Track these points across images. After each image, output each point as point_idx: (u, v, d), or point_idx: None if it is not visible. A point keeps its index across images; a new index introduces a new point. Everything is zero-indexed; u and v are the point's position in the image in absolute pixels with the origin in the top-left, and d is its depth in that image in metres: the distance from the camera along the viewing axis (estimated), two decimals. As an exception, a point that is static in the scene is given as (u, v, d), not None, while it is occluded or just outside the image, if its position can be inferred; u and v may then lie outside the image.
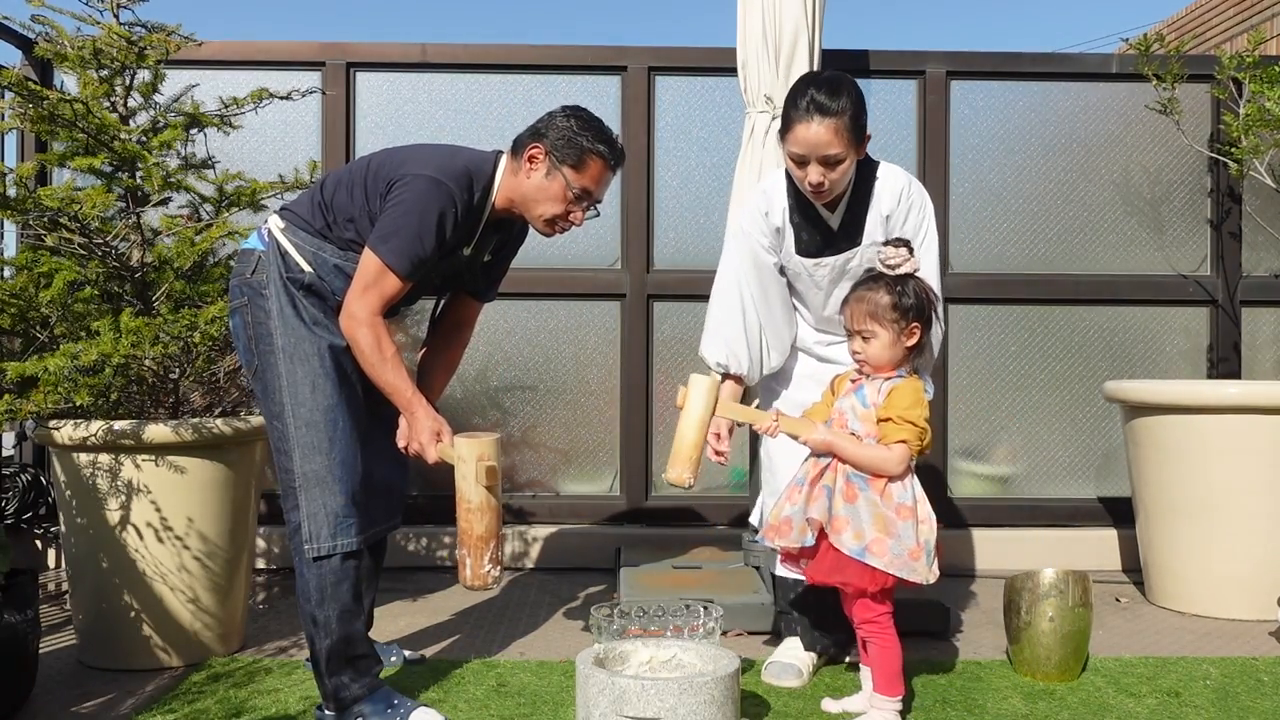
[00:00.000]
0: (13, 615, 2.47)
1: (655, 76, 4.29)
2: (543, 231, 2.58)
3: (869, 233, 2.69)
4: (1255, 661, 2.97)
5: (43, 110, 2.94)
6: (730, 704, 2.19)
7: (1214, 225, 4.36)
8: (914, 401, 2.41)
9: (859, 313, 2.45)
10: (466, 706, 2.58)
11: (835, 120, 2.51)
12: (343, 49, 4.23)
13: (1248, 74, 3.90)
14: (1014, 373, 4.35)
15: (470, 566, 2.35)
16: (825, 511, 2.40)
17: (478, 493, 2.32)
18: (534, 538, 4.16)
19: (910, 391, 2.42)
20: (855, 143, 2.57)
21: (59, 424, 2.83)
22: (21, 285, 2.97)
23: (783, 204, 2.73)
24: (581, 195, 2.49)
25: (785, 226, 2.73)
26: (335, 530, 2.41)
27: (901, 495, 2.39)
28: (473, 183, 2.46)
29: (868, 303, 2.44)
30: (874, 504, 2.38)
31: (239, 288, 2.50)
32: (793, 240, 2.74)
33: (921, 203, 2.70)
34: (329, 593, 2.41)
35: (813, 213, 2.71)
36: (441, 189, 2.39)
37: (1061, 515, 4.28)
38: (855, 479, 2.40)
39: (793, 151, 2.57)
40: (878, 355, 2.44)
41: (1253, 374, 4.34)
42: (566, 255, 4.28)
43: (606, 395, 4.30)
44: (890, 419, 2.40)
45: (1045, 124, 4.38)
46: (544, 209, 2.50)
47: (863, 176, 2.68)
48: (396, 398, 2.43)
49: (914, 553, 2.37)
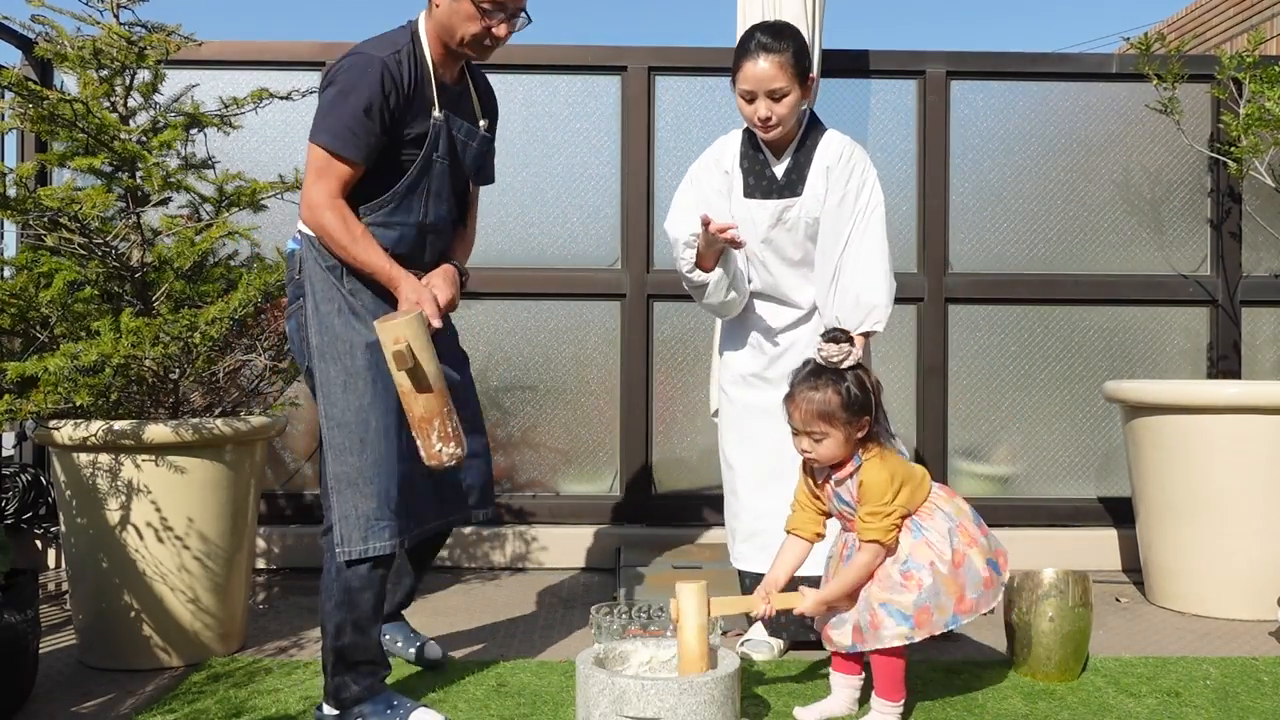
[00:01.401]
0: (13, 615, 2.47)
1: (655, 76, 4.29)
2: (475, 57, 2.51)
3: (811, 183, 2.92)
4: (1255, 661, 2.97)
5: (43, 110, 2.94)
6: (730, 704, 2.19)
7: (1214, 225, 4.36)
8: (884, 489, 2.39)
9: (807, 414, 2.40)
10: (466, 706, 2.58)
11: (779, 56, 2.82)
12: (343, 49, 4.19)
13: (1248, 74, 3.90)
14: (1014, 373, 4.35)
15: (423, 449, 2.28)
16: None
17: (401, 376, 2.22)
18: (534, 538, 4.16)
19: (878, 480, 2.40)
20: (799, 79, 2.85)
21: (59, 424, 2.83)
22: (21, 285, 2.97)
23: (735, 151, 3.01)
24: (493, 8, 2.41)
25: (734, 170, 3.00)
26: (366, 534, 2.36)
27: (940, 546, 2.42)
28: (396, 43, 2.43)
29: (817, 404, 2.39)
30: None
31: (291, 290, 2.49)
32: (740, 184, 2.99)
33: (864, 166, 2.92)
34: (350, 599, 2.38)
35: (760, 159, 2.96)
36: (362, 59, 2.36)
37: (1061, 515, 4.28)
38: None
39: (743, 89, 2.86)
40: (830, 454, 2.43)
41: (1253, 374, 4.34)
42: (566, 255, 4.28)
43: (606, 395, 4.30)
44: (862, 516, 2.41)
45: (1045, 124, 4.38)
46: (462, 31, 2.42)
47: (809, 134, 2.96)
48: (377, 275, 2.36)
49: (987, 580, 2.44)
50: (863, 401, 2.40)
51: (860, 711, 2.53)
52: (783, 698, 2.64)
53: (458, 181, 2.57)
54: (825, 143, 2.95)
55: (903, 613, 2.39)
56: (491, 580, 3.97)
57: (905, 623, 2.39)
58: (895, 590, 2.40)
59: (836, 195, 2.89)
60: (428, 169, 2.46)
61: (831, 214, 2.90)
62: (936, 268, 4.27)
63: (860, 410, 2.40)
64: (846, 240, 2.88)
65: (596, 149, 4.30)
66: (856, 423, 2.40)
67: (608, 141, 4.30)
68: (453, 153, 2.51)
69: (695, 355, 4.29)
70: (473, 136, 2.58)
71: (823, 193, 2.91)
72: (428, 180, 2.47)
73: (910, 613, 2.39)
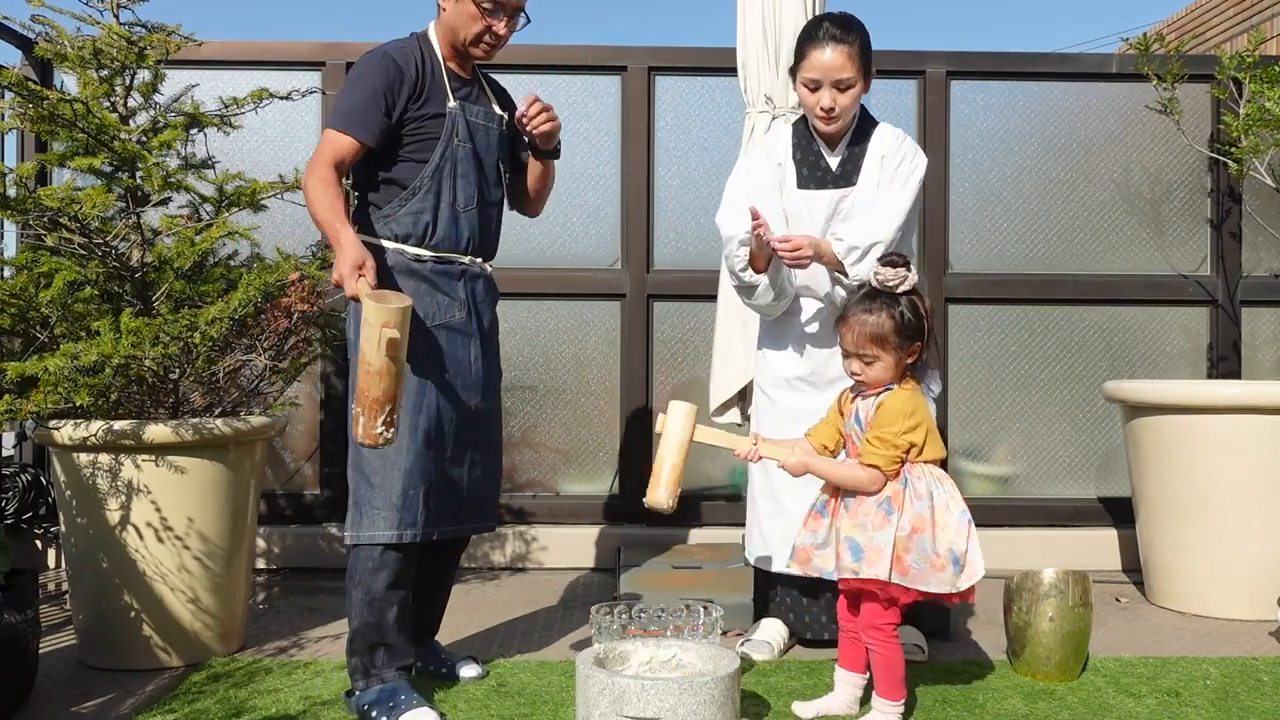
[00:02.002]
0: (13, 615, 2.47)
1: (655, 76, 4.29)
2: (478, 56, 2.66)
3: (865, 173, 2.90)
4: (1255, 661, 2.97)
5: (43, 110, 2.94)
6: (730, 704, 2.19)
7: (1214, 225, 4.36)
8: (898, 416, 2.38)
9: (860, 336, 2.41)
10: (466, 706, 2.58)
11: (848, 47, 2.80)
12: (343, 49, 4.23)
13: (1248, 74, 3.91)
14: (1014, 373, 4.35)
15: (363, 425, 2.30)
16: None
17: (379, 358, 2.25)
18: (534, 538, 4.16)
19: (896, 407, 2.40)
20: (864, 72, 2.85)
21: (59, 424, 2.83)
22: (21, 285, 2.97)
23: (787, 144, 2.98)
24: (493, 8, 2.57)
25: (787, 162, 2.96)
26: (372, 522, 2.49)
27: (917, 505, 2.38)
28: (406, 42, 2.63)
29: (870, 326, 2.40)
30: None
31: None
32: (794, 175, 2.95)
33: (914, 154, 2.91)
34: (364, 578, 2.51)
35: (815, 150, 2.93)
36: (375, 54, 2.57)
37: (1061, 515, 4.28)
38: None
39: (808, 78, 2.84)
40: (878, 377, 2.43)
41: (1253, 374, 4.34)
42: (566, 255, 4.28)
43: (606, 395, 4.30)
44: (869, 439, 2.40)
45: (1045, 124, 4.38)
46: (466, 32, 2.60)
47: (863, 125, 2.94)
48: (327, 230, 2.46)
49: (935, 563, 2.37)
50: (916, 326, 2.41)
51: (861, 711, 2.53)
52: (783, 698, 2.64)
53: (483, 164, 2.67)
54: (879, 134, 2.93)
55: (860, 547, 2.37)
56: (491, 580, 3.97)
57: (857, 555, 2.37)
58: (863, 527, 2.38)
59: (887, 178, 2.88)
60: (450, 154, 2.60)
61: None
62: (936, 268, 4.27)
63: (913, 335, 2.41)
64: (878, 194, 2.87)
65: (596, 149, 4.30)
66: (908, 347, 2.42)
67: (608, 141, 4.30)
68: (472, 138, 2.64)
69: (695, 355, 4.29)
70: (491, 119, 2.70)
71: (876, 182, 2.88)
72: (451, 164, 2.60)
73: (862, 551, 2.36)
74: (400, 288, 2.53)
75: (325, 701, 2.61)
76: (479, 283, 2.68)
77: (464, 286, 2.63)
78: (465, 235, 2.63)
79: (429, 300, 2.57)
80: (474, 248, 2.66)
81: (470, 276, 2.65)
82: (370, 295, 2.30)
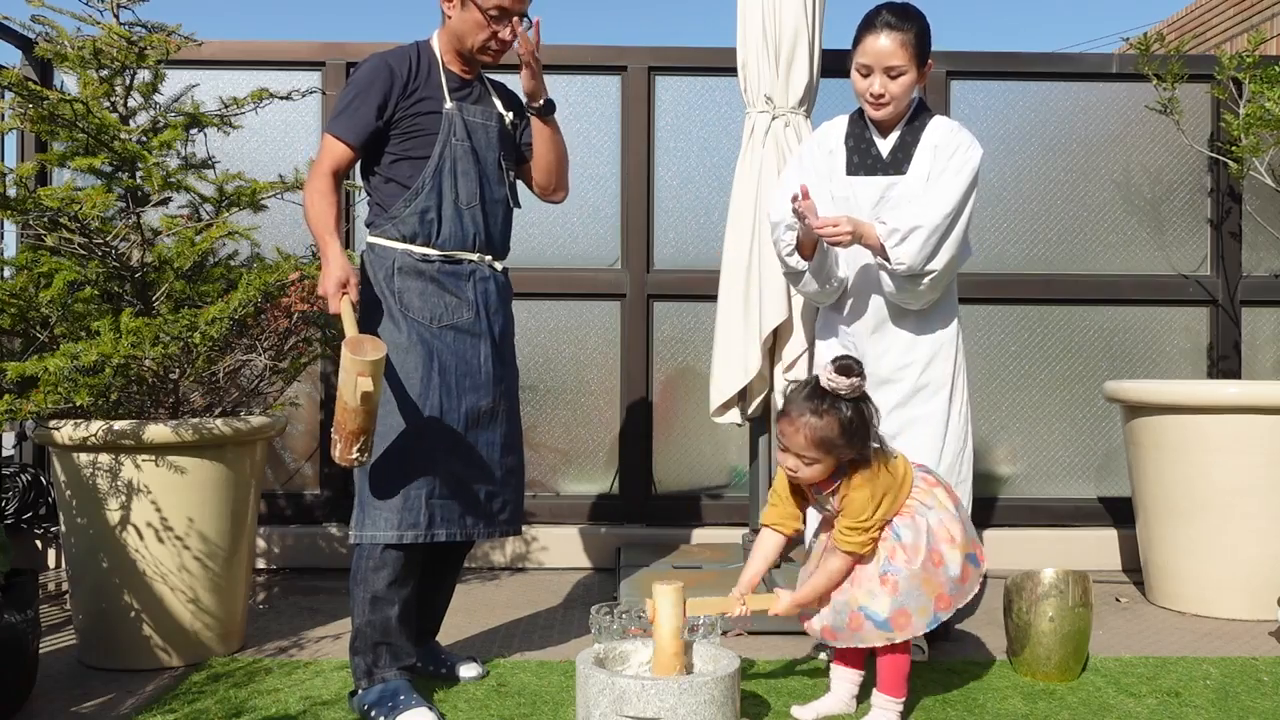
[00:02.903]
0: (13, 615, 2.47)
1: (655, 76, 4.29)
2: (486, 62, 2.69)
3: (917, 161, 2.90)
4: (1255, 661, 2.97)
5: (43, 110, 2.94)
6: (730, 704, 2.19)
7: (1214, 225, 4.36)
8: (866, 506, 2.37)
9: (805, 439, 2.32)
10: (466, 706, 2.58)
11: (901, 35, 2.84)
12: (343, 49, 4.23)
13: (1248, 74, 3.91)
14: (1014, 373, 4.35)
15: (339, 450, 2.41)
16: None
17: (354, 399, 2.35)
18: (534, 538, 4.16)
19: (862, 500, 2.37)
20: (918, 61, 2.87)
21: (59, 424, 2.83)
22: (21, 285, 2.97)
23: (840, 131, 3.00)
24: (499, 14, 2.60)
25: (838, 148, 2.98)
26: (374, 522, 2.51)
27: (915, 550, 2.40)
28: (410, 47, 2.67)
29: (816, 430, 2.31)
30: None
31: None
32: (844, 161, 2.96)
33: (969, 145, 2.89)
34: (366, 577, 2.52)
35: (866, 137, 2.95)
36: (373, 61, 2.62)
37: (1061, 515, 4.28)
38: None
39: (861, 63, 2.88)
40: (814, 477, 2.39)
41: (1253, 374, 4.34)
42: (566, 255, 4.28)
43: (606, 395, 4.30)
44: (842, 529, 2.39)
45: (1045, 124, 4.38)
46: (472, 40, 2.63)
47: (917, 115, 2.95)
48: (317, 242, 2.56)
49: (961, 579, 2.43)
50: (861, 431, 2.34)
51: (860, 709, 2.53)
52: (783, 698, 2.64)
53: (483, 162, 2.69)
54: (934, 124, 2.93)
55: (880, 615, 2.39)
56: (491, 580, 3.97)
57: (884, 627, 2.39)
58: (874, 594, 2.39)
59: (939, 168, 2.86)
60: (449, 152, 2.63)
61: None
62: (936, 268, 4.26)
63: (856, 439, 2.34)
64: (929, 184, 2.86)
65: (596, 149, 4.30)
66: (850, 451, 2.36)
67: (608, 141, 4.30)
68: (470, 136, 2.66)
69: (695, 355, 4.29)
70: (490, 118, 2.72)
71: (928, 172, 2.88)
72: (451, 162, 2.62)
73: (886, 616, 2.38)
74: (408, 289, 2.57)
75: (325, 701, 2.61)
76: (490, 284, 2.69)
77: (473, 287, 2.64)
78: (471, 232, 2.64)
79: (436, 301, 2.59)
80: (481, 245, 2.67)
81: (480, 277, 2.66)
82: (349, 341, 2.37)
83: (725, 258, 3.47)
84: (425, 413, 2.54)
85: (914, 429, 2.92)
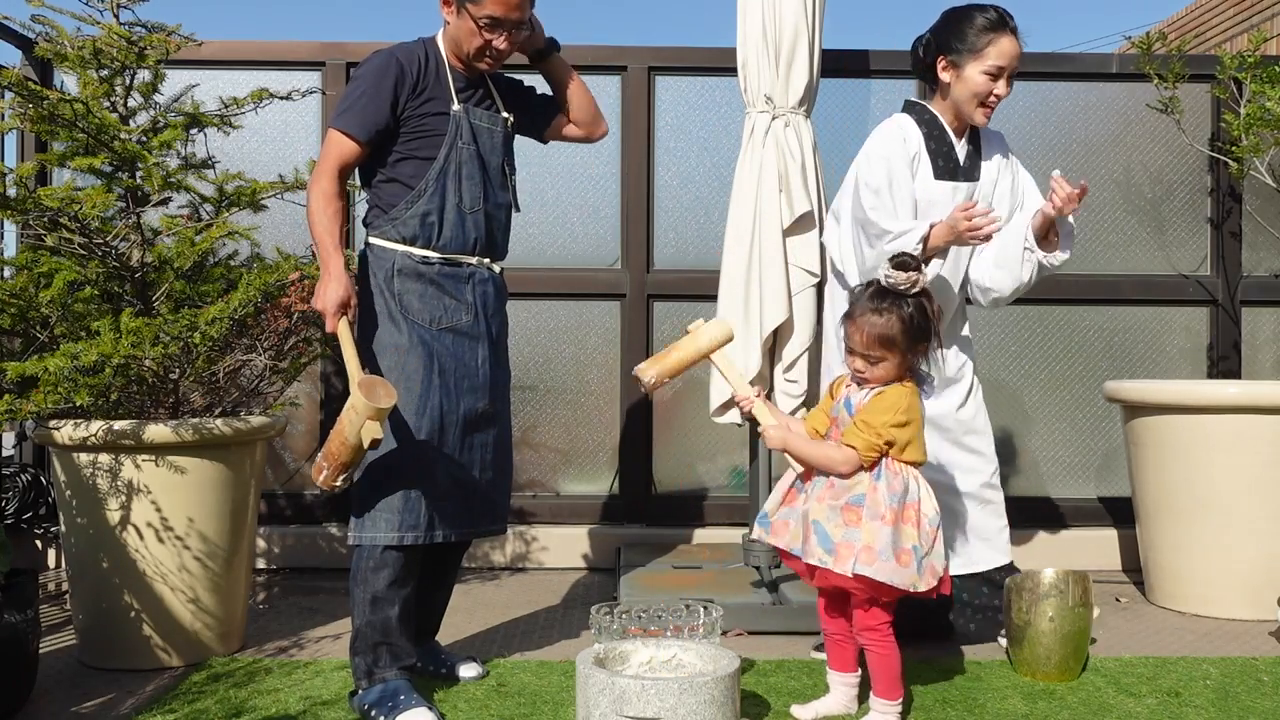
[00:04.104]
0: (13, 615, 2.47)
1: (655, 76, 4.29)
2: (483, 68, 2.67)
3: (985, 170, 3.02)
4: (1255, 661, 2.97)
5: (43, 110, 2.94)
6: (730, 704, 2.19)
7: (1214, 225, 4.36)
8: (891, 409, 2.37)
9: (868, 337, 2.39)
10: (466, 706, 2.58)
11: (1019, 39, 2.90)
12: (343, 49, 4.23)
13: (1248, 74, 3.90)
14: (1014, 373, 4.35)
15: (325, 476, 2.41)
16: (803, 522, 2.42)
17: (355, 437, 2.33)
18: (534, 538, 4.16)
19: (892, 400, 2.39)
20: None
21: (59, 424, 2.83)
22: (21, 285, 2.97)
23: (917, 134, 2.98)
24: (491, 24, 2.56)
25: (921, 153, 2.97)
26: (374, 523, 2.51)
27: (889, 499, 2.37)
28: (415, 43, 2.65)
29: (878, 328, 2.37)
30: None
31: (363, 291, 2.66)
32: (929, 167, 2.96)
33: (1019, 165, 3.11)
34: (366, 578, 2.52)
35: (948, 141, 2.98)
36: (380, 56, 2.59)
37: (1061, 515, 4.28)
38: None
39: (994, 65, 2.87)
40: (882, 377, 2.42)
41: (1253, 374, 4.34)
42: (566, 255, 4.28)
43: (606, 395, 4.30)
44: (856, 421, 2.39)
45: (1045, 124, 4.37)
46: (468, 46, 2.61)
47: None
48: (319, 250, 2.52)
49: (900, 558, 2.35)
50: (924, 328, 2.40)
51: (859, 711, 2.53)
52: (783, 698, 2.64)
53: (487, 166, 2.69)
54: (985, 133, 3.05)
55: (830, 538, 2.37)
56: (491, 580, 3.97)
57: (829, 550, 2.36)
58: (831, 517, 2.38)
59: (1006, 182, 3.00)
60: (455, 155, 2.62)
61: (1005, 199, 3.02)
62: (936, 268, 4.27)
63: (920, 337, 2.40)
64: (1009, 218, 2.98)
65: (596, 149, 4.29)
66: (915, 349, 2.41)
67: (608, 141, 4.27)
68: (476, 139, 2.66)
69: (695, 355, 4.28)
70: (495, 122, 2.72)
71: (995, 179, 3.02)
72: (456, 165, 2.62)
73: (833, 544, 2.36)
74: (408, 291, 2.56)
75: (325, 701, 2.61)
76: (488, 286, 2.69)
77: (472, 290, 2.64)
78: (472, 236, 2.64)
79: (436, 303, 2.58)
80: (481, 249, 2.67)
81: (479, 280, 2.66)
82: (362, 384, 2.35)
83: (725, 258, 3.47)
84: (426, 415, 2.54)
85: (971, 437, 3.04)
